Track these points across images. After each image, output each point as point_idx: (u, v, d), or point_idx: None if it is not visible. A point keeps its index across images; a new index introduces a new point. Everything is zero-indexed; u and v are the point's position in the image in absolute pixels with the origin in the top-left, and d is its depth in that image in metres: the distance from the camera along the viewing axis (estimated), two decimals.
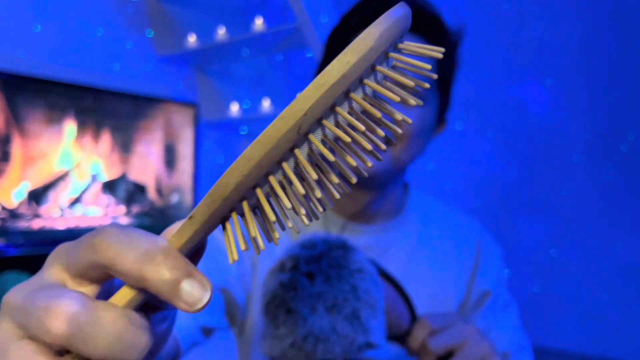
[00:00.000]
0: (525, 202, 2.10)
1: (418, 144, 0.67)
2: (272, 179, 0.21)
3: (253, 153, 0.20)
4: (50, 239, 1.69)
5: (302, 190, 0.20)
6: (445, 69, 0.68)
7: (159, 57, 2.16)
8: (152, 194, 2.01)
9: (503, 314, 0.73)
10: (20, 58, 1.72)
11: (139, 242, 0.21)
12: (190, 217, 0.22)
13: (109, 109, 1.85)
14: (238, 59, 2.29)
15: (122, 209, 1.92)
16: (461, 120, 2.22)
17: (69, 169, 1.75)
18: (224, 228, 0.23)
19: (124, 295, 0.22)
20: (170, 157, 2.08)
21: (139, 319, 0.22)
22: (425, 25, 0.65)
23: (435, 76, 0.23)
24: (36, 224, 1.67)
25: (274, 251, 0.69)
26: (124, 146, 1.91)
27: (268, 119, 2.12)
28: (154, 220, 2.00)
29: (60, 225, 1.74)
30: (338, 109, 0.21)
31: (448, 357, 0.53)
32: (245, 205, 0.22)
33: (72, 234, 1.76)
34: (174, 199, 2.08)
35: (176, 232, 0.23)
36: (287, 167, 0.21)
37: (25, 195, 1.64)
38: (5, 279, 1.59)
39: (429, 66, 0.22)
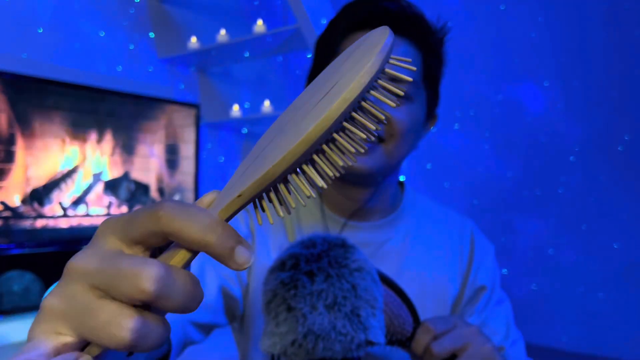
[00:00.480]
0: (523, 202, 2.11)
1: (409, 140, 0.69)
2: (304, 166, 0.29)
3: (296, 150, 0.27)
4: (53, 239, 1.71)
5: (331, 172, 0.28)
6: (432, 65, 0.71)
7: (161, 59, 2.17)
8: (154, 193, 2.03)
9: (497, 309, 0.75)
10: (23, 59, 1.73)
11: (199, 215, 0.26)
12: (239, 196, 0.28)
13: (111, 110, 1.86)
14: (239, 60, 2.30)
15: (125, 208, 1.93)
16: (459, 120, 2.24)
17: (71, 169, 1.77)
18: (254, 204, 0.30)
19: (182, 257, 0.27)
20: (172, 157, 2.09)
21: (196, 277, 0.27)
22: (410, 27, 0.67)
23: (408, 79, 0.30)
24: (39, 224, 1.68)
25: (268, 246, 0.72)
26: (126, 146, 1.93)
27: (268, 119, 2.13)
28: None
29: (63, 225, 1.75)
30: (354, 114, 0.28)
31: None
32: (282, 185, 0.29)
33: (74, 233, 1.77)
34: (176, 198, 2.09)
35: (224, 207, 0.28)
36: (316, 157, 0.28)
37: (28, 195, 1.65)
38: (8, 277, 1.61)
39: (409, 79, 0.29)
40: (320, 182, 0.28)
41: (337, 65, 0.32)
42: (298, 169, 0.29)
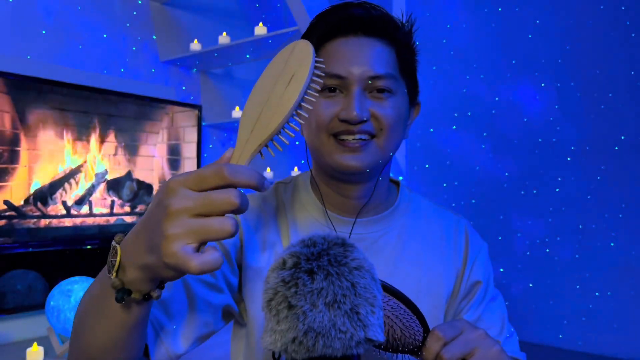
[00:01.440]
0: (520, 201, 2.12)
1: (398, 131, 0.73)
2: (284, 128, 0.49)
3: (289, 112, 0.47)
4: (56, 238, 1.72)
5: (297, 129, 0.50)
6: (405, 58, 0.74)
7: (163, 61, 2.19)
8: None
9: (492, 305, 0.77)
10: (26, 60, 1.75)
11: (245, 169, 0.43)
12: (260, 145, 0.47)
13: (114, 111, 1.88)
14: (240, 62, 2.32)
15: (127, 208, 1.95)
16: (457, 121, 2.25)
17: (74, 169, 1.78)
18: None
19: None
20: (174, 158, 2.11)
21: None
22: (379, 27, 0.72)
23: (323, 66, 0.51)
24: (42, 223, 1.70)
25: (258, 249, 0.74)
26: (129, 146, 1.94)
27: None
28: None
29: (66, 224, 1.77)
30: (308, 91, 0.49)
31: None
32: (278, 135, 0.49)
33: (77, 233, 1.79)
34: None
35: (250, 155, 0.48)
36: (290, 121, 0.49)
37: (31, 194, 1.66)
38: (11, 276, 1.62)
39: (323, 66, 0.50)
40: (297, 129, 0.49)
41: (280, 67, 0.50)
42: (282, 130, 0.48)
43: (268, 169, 2.36)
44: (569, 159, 2.04)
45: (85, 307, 0.57)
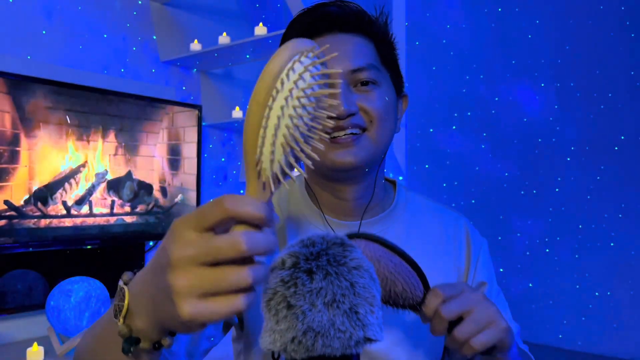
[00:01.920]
0: (520, 201, 2.13)
1: (388, 122, 0.73)
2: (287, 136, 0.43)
3: (246, 132, 0.42)
4: (57, 238, 1.72)
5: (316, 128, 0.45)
6: (384, 49, 0.75)
7: (163, 61, 2.19)
8: (157, 193, 2.04)
9: (497, 301, 0.77)
10: (27, 60, 1.75)
11: (250, 202, 0.38)
12: (251, 179, 0.43)
13: (114, 111, 1.88)
14: (240, 62, 2.32)
15: (127, 208, 1.95)
16: (457, 121, 2.25)
17: (75, 169, 1.79)
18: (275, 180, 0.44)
19: (245, 227, 0.39)
20: (174, 158, 2.11)
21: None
22: (354, 23, 0.73)
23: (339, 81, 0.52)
24: (42, 223, 1.70)
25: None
26: (129, 146, 1.94)
27: None
28: (159, 219, 2.03)
29: (67, 224, 1.77)
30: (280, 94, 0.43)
31: (458, 322, 0.57)
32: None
33: (78, 233, 1.79)
34: (179, 198, 2.11)
35: (250, 191, 0.43)
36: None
37: (32, 194, 1.67)
38: (12, 275, 1.63)
39: (337, 77, 0.47)
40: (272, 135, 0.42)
41: None
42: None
43: None
44: (568, 159, 2.04)
45: (89, 348, 0.54)
